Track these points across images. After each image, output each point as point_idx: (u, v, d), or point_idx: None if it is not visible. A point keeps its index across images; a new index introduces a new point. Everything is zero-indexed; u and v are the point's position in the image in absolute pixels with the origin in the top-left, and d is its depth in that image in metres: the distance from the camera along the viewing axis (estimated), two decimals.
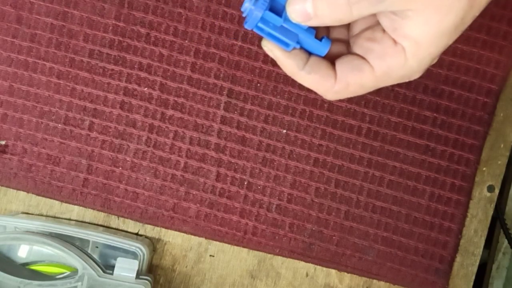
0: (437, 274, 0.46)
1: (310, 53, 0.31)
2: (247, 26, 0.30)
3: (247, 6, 0.29)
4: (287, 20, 0.29)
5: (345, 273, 0.47)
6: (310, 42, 0.30)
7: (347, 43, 0.32)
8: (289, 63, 0.30)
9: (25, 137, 0.44)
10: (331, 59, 0.31)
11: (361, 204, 0.46)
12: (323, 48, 0.31)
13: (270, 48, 0.30)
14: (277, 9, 0.29)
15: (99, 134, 0.45)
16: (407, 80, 0.30)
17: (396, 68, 0.29)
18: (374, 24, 0.30)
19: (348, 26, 0.32)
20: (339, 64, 0.30)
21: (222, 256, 0.46)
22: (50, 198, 0.45)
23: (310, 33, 0.30)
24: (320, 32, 0.32)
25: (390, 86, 0.45)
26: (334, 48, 0.32)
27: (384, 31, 0.29)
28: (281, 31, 0.29)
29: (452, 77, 0.46)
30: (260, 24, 0.29)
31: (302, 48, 0.31)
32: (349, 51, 0.31)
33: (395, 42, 0.28)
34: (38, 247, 0.43)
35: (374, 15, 0.29)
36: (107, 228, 0.46)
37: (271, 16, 0.29)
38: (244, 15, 0.30)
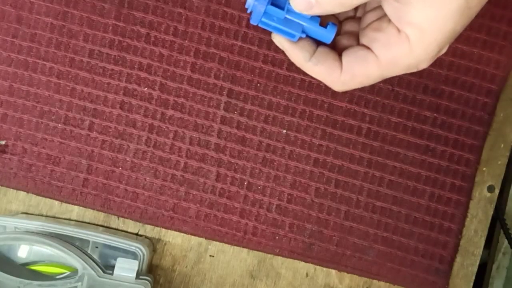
0: (437, 274, 0.46)
1: (318, 43, 0.31)
2: (252, 21, 0.31)
3: (250, 2, 0.30)
4: (290, 11, 0.30)
5: (345, 273, 0.47)
6: (315, 30, 0.31)
7: (358, 36, 0.32)
8: (297, 54, 0.31)
9: (25, 137, 0.44)
10: (340, 52, 0.31)
11: (361, 204, 0.46)
12: (328, 34, 0.31)
13: (278, 40, 0.31)
14: (280, 2, 0.30)
15: (99, 134, 0.45)
16: (415, 70, 0.30)
17: (402, 57, 0.29)
18: (383, 15, 0.30)
19: (359, 20, 0.32)
20: (345, 55, 0.31)
21: (222, 256, 0.46)
22: (50, 198, 0.45)
23: (315, 21, 0.31)
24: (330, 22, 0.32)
25: (390, 86, 0.45)
26: (345, 41, 0.32)
27: (390, 20, 0.29)
28: (286, 23, 0.30)
29: (452, 77, 0.46)
30: (264, 19, 0.30)
31: (308, 37, 0.31)
32: (357, 44, 0.32)
33: (399, 30, 0.28)
34: (38, 247, 0.43)
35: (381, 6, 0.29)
36: (107, 228, 0.46)
37: (274, 10, 0.30)
38: (248, 11, 0.30)
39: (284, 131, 0.45)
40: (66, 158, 0.45)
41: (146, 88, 0.45)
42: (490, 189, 0.47)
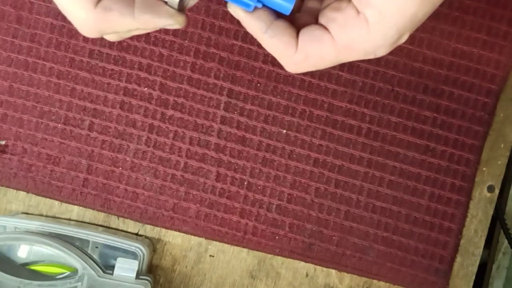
0: (437, 274, 0.46)
1: (277, 15, 0.30)
2: None
3: None
4: None
5: (345, 273, 0.47)
6: (273, 0, 0.29)
7: (318, 15, 0.31)
8: (253, 24, 0.29)
9: (25, 137, 0.44)
10: (299, 30, 0.30)
11: (361, 204, 0.46)
12: (287, 4, 0.29)
13: (234, 10, 0.29)
14: None
15: (99, 134, 0.45)
16: (372, 57, 0.29)
17: (359, 40, 0.27)
18: None
19: None
20: (301, 34, 0.29)
21: (222, 256, 0.46)
22: (50, 198, 0.45)
23: None
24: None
25: (390, 86, 0.45)
26: (305, 19, 0.31)
27: (350, 1, 0.27)
28: None
29: (452, 77, 0.46)
30: None
31: (267, 8, 0.29)
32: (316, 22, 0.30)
33: (358, 12, 0.27)
34: (38, 247, 0.43)
35: None
36: (107, 228, 0.46)
37: None
38: None
39: (284, 131, 0.45)
40: (66, 158, 0.45)
41: (146, 88, 0.45)
42: (490, 189, 0.47)
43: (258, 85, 0.45)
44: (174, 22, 0.29)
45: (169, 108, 0.45)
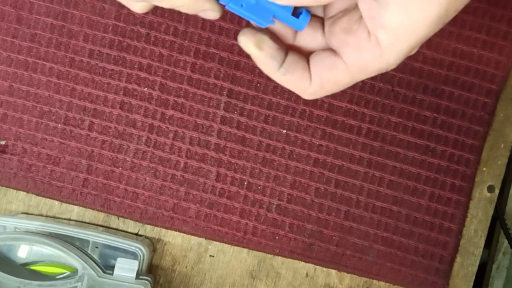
0: (437, 274, 0.46)
1: (287, 53, 0.30)
2: (221, 1, 0.29)
3: None
4: None
5: (345, 273, 0.47)
6: (287, 18, 0.29)
7: (322, 21, 0.31)
8: (266, 63, 0.29)
9: (25, 137, 0.44)
10: (307, 52, 0.30)
11: (361, 204, 0.46)
12: (301, 23, 0.29)
13: (245, 45, 0.29)
14: None
15: (99, 134, 0.45)
16: (384, 71, 0.29)
17: (372, 62, 0.27)
18: (352, 7, 0.28)
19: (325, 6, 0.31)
20: (313, 64, 0.29)
21: (222, 256, 0.46)
22: (50, 198, 0.45)
23: (288, 9, 0.29)
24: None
25: (390, 86, 0.45)
26: (309, 39, 0.30)
27: (361, 19, 0.27)
28: (255, 9, 0.29)
29: (452, 77, 0.46)
30: (232, 5, 0.29)
31: (280, 25, 0.29)
32: (323, 37, 0.30)
33: (369, 33, 0.27)
34: (38, 247, 0.43)
35: None
36: (107, 228, 0.46)
37: None
38: None
39: (284, 131, 0.45)
40: (66, 158, 0.45)
41: (146, 88, 0.45)
42: (490, 189, 0.47)
43: (258, 85, 0.45)
44: (216, 10, 0.30)
45: (169, 108, 0.45)
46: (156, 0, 0.29)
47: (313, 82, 0.29)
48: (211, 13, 0.30)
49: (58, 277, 0.43)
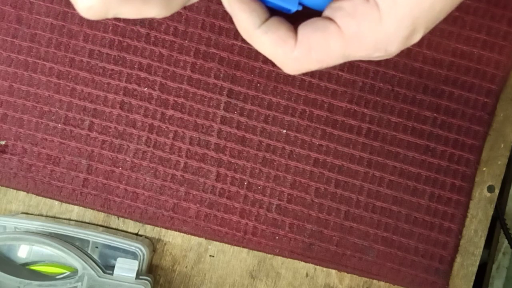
0: (437, 274, 0.46)
1: (273, 13, 0.27)
2: None
3: None
4: None
5: (345, 273, 0.47)
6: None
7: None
8: (245, 18, 0.25)
9: (25, 137, 0.44)
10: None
11: (361, 204, 0.46)
12: (324, 2, 0.26)
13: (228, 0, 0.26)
14: None
15: (99, 134, 0.45)
16: (383, 53, 0.25)
17: (369, 30, 0.24)
18: None
19: None
20: (301, 27, 0.25)
21: (222, 256, 0.46)
22: (50, 198, 0.45)
23: None
24: None
25: (390, 86, 0.45)
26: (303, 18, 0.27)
27: None
28: None
29: (452, 77, 0.46)
30: None
31: (264, 2, 0.26)
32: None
33: None
34: (38, 247, 0.43)
35: None
36: (107, 228, 0.46)
37: None
38: None
39: (284, 131, 0.45)
40: (66, 158, 0.45)
41: (146, 88, 0.45)
42: (490, 189, 0.47)
43: (258, 85, 0.45)
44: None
45: (169, 108, 0.45)
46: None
47: (299, 44, 0.25)
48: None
49: (58, 277, 0.43)
